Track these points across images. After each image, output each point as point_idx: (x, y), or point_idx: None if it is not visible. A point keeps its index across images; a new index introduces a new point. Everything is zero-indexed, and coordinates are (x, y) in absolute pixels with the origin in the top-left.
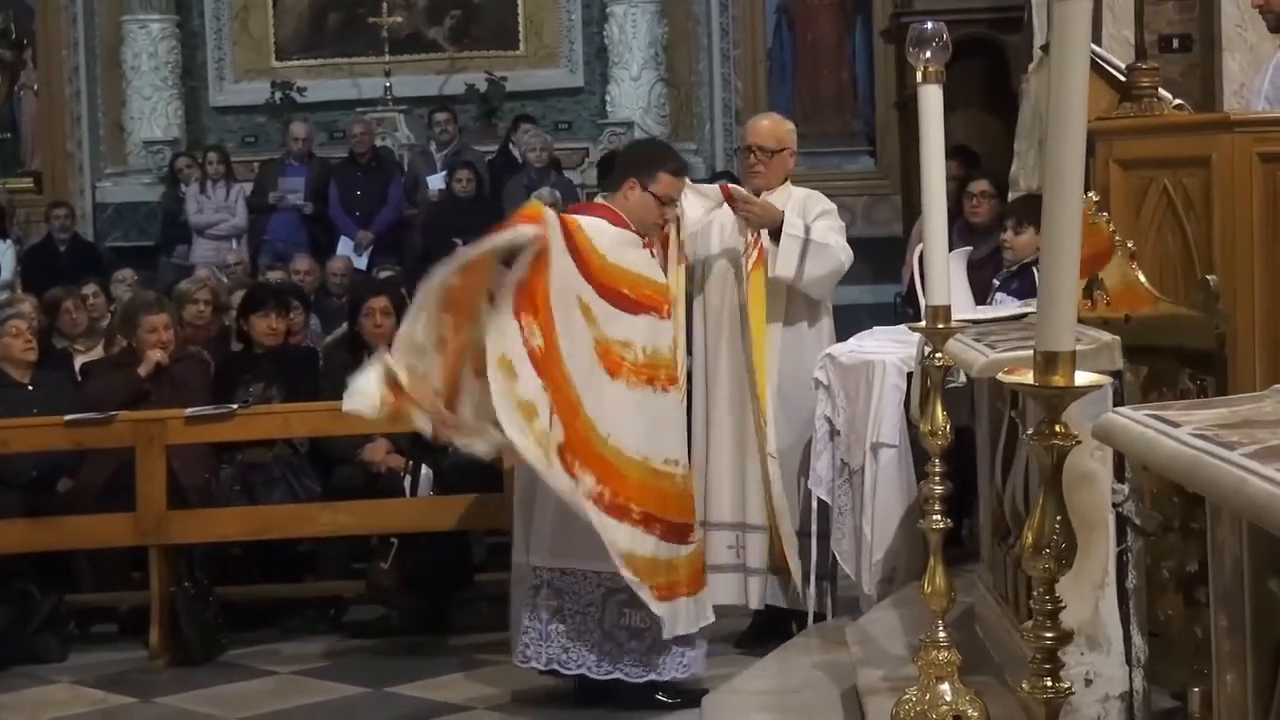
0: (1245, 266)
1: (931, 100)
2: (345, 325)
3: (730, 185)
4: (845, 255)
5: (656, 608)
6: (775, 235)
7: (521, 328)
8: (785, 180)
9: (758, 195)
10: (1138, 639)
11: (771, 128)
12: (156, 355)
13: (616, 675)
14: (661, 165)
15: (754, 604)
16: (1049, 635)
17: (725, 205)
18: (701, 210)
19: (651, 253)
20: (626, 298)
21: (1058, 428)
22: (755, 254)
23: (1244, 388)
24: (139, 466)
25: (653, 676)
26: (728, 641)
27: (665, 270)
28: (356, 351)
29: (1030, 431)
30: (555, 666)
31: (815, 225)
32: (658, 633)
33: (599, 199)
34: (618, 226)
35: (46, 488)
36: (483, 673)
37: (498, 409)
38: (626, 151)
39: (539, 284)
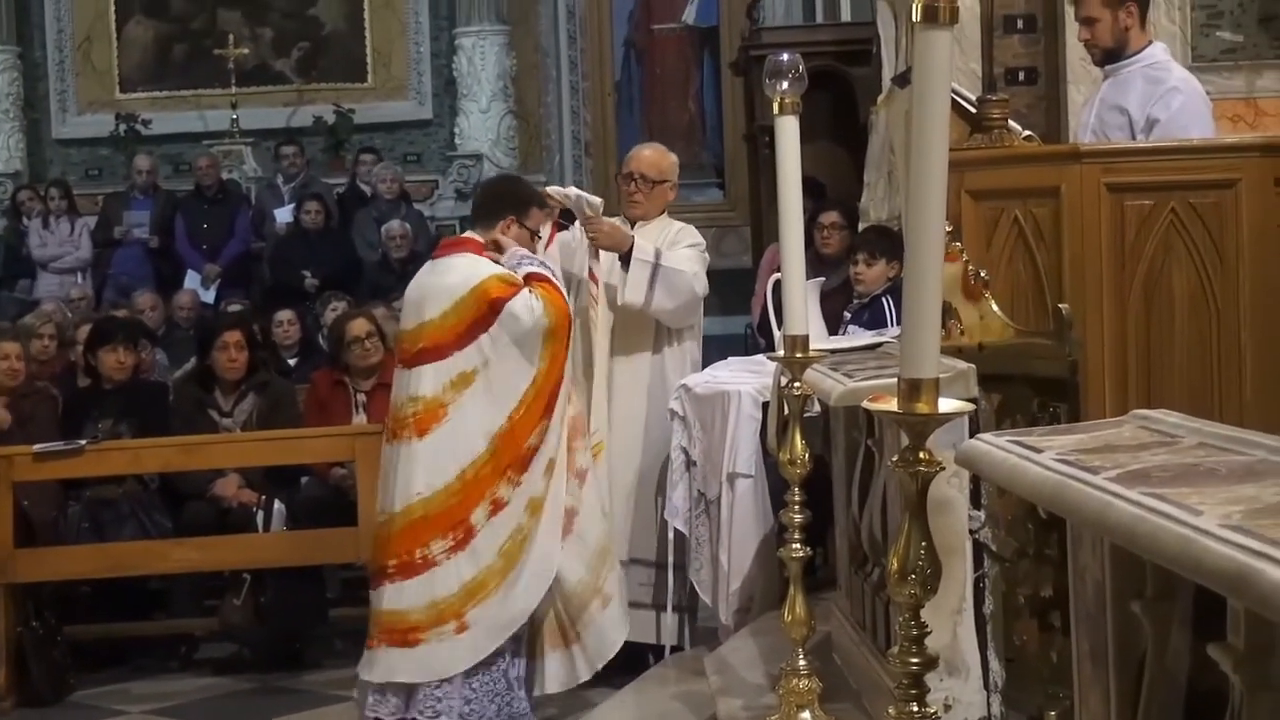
0: (1094, 294)
1: (788, 131)
2: (195, 359)
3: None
4: (700, 285)
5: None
6: (626, 260)
7: None
8: (663, 212)
9: (633, 225)
10: (995, 664)
11: (654, 157)
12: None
13: None
14: (532, 201)
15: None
16: (914, 661)
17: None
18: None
19: None
20: None
21: (922, 454)
22: (590, 283)
23: (1095, 414)
24: None
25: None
26: None
27: None
28: (208, 385)
29: (894, 458)
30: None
31: (672, 252)
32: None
33: (469, 234)
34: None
35: None
36: (337, 709)
37: None
38: (498, 189)
39: None
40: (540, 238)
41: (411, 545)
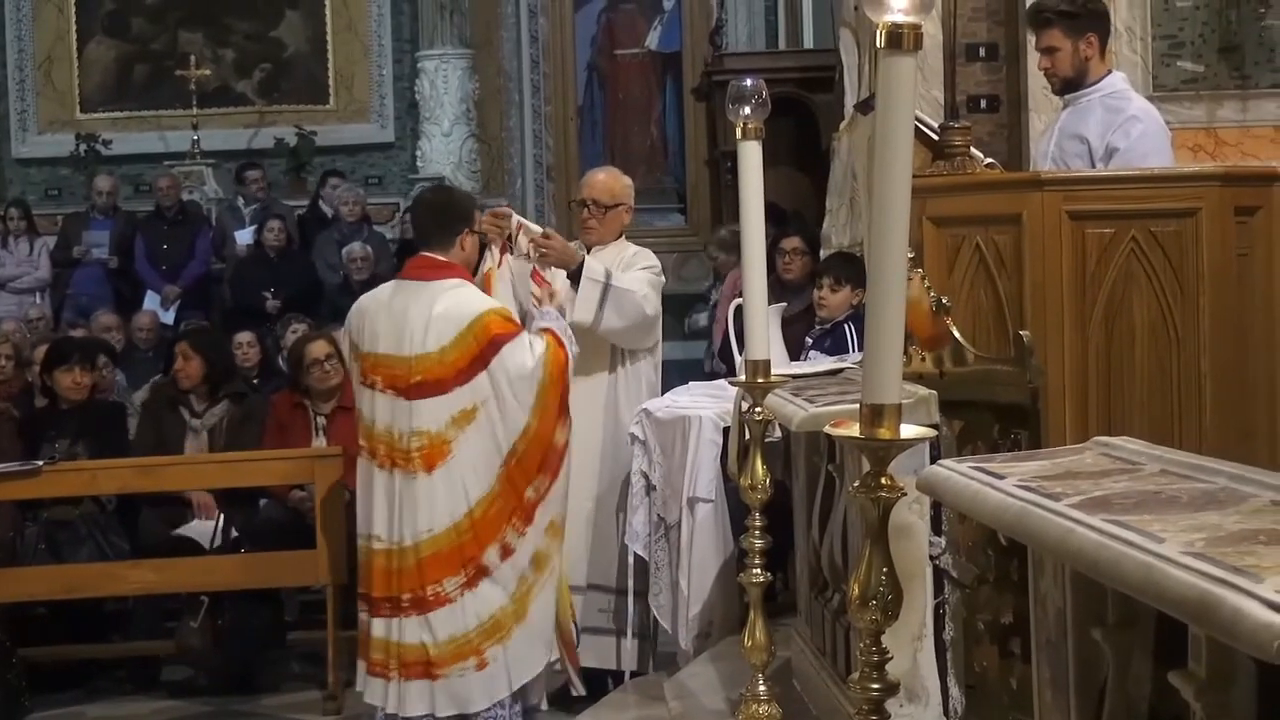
0: (1055, 321)
1: (751, 157)
2: (160, 375)
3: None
4: (650, 307)
5: None
6: (575, 279)
7: None
8: (620, 236)
9: (589, 251)
10: (955, 690)
11: (608, 181)
12: None
13: None
14: (472, 205)
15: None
16: (876, 687)
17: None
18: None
19: None
20: None
21: (883, 480)
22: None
23: (1055, 440)
24: None
25: None
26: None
27: None
28: (177, 393)
29: (856, 484)
30: None
31: (625, 274)
32: None
33: (430, 254)
34: None
35: None
36: None
37: None
38: (443, 204)
39: None
40: (491, 257)
41: (423, 581)
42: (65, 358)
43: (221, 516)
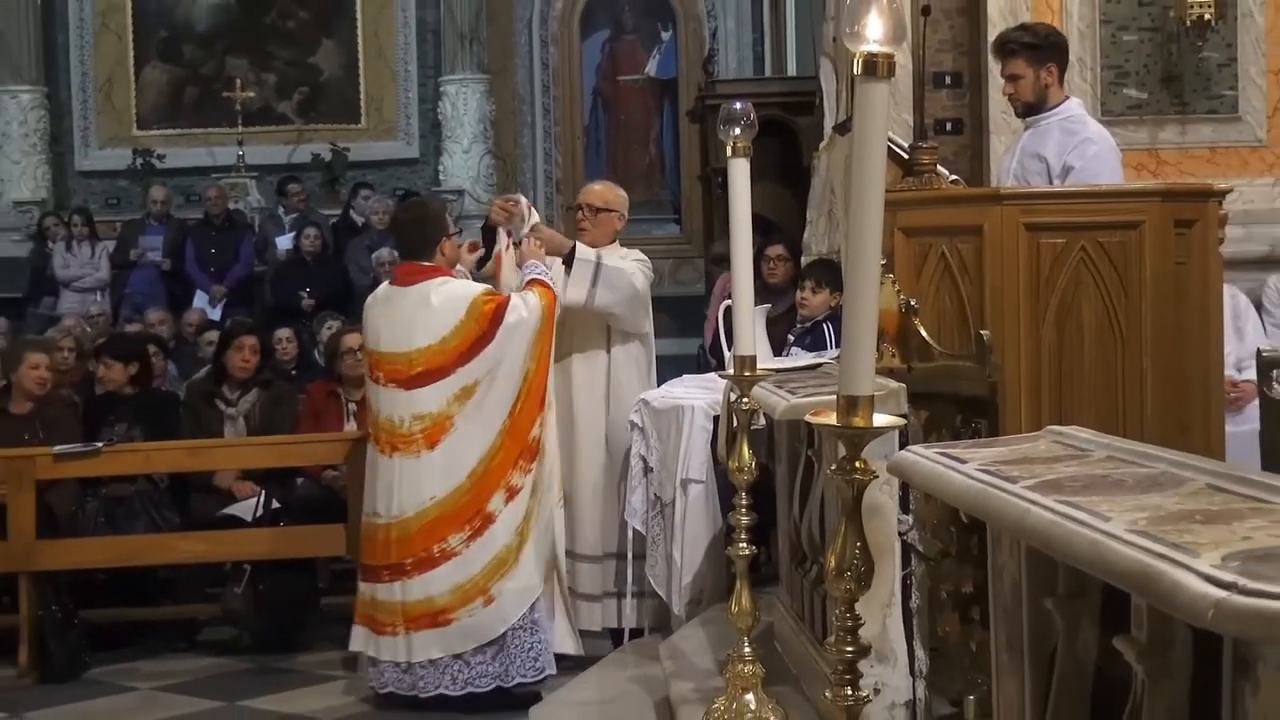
0: (1012, 322)
1: (740, 172)
2: (210, 365)
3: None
4: (640, 283)
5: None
6: (568, 265)
7: None
8: (613, 240)
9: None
10: (920, 653)
11: (601, 190)
12: None
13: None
14: (444, 211)
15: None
16: (849, 649)
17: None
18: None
19: None
20: None
21: (857, 464)
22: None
23: (1012, 429)
24: (10, 500)
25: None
26: None
27: None
28: (220, 383)
29: (833, 467)
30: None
31: (624, 265)
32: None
33: (419, 263)
34: None
35: None
36: (327, 687)
37: None
38: (419, 219)
39: None
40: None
41: (428, 543)
42: (111, 352)
43: (262, 493)
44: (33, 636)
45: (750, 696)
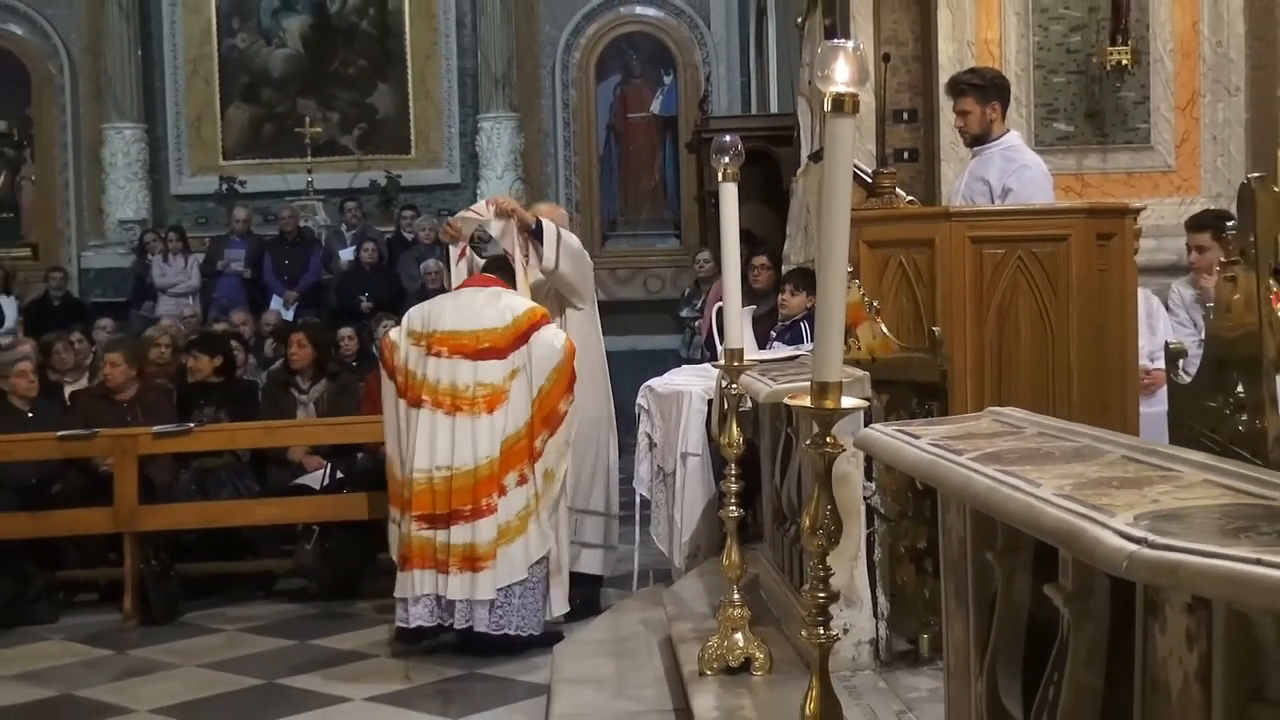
0: (960, 320)
1: (729, 195)
2: (283, 360)
3: (494, 198)
4: (580, 249)
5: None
6: (537, 236)
7: None
8: None
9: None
10: (882, 598)
11: (545, 210)
12: None
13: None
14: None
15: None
16: (821, 595)
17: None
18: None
19: None
20: None
21: (828, 439)
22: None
23: (959, 409)
24: (116, 472)
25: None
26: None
27: None
28: (294, 374)
29: (807, 442)
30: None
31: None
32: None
33: (494, 278)
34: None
35: (44, 489)
36: (383, 628)
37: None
38: (502, 264)
39: None
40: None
41: (482, 495)
42: (201, 346)
43: (328, 466)
44: (136, 586)
45: (739, 635)
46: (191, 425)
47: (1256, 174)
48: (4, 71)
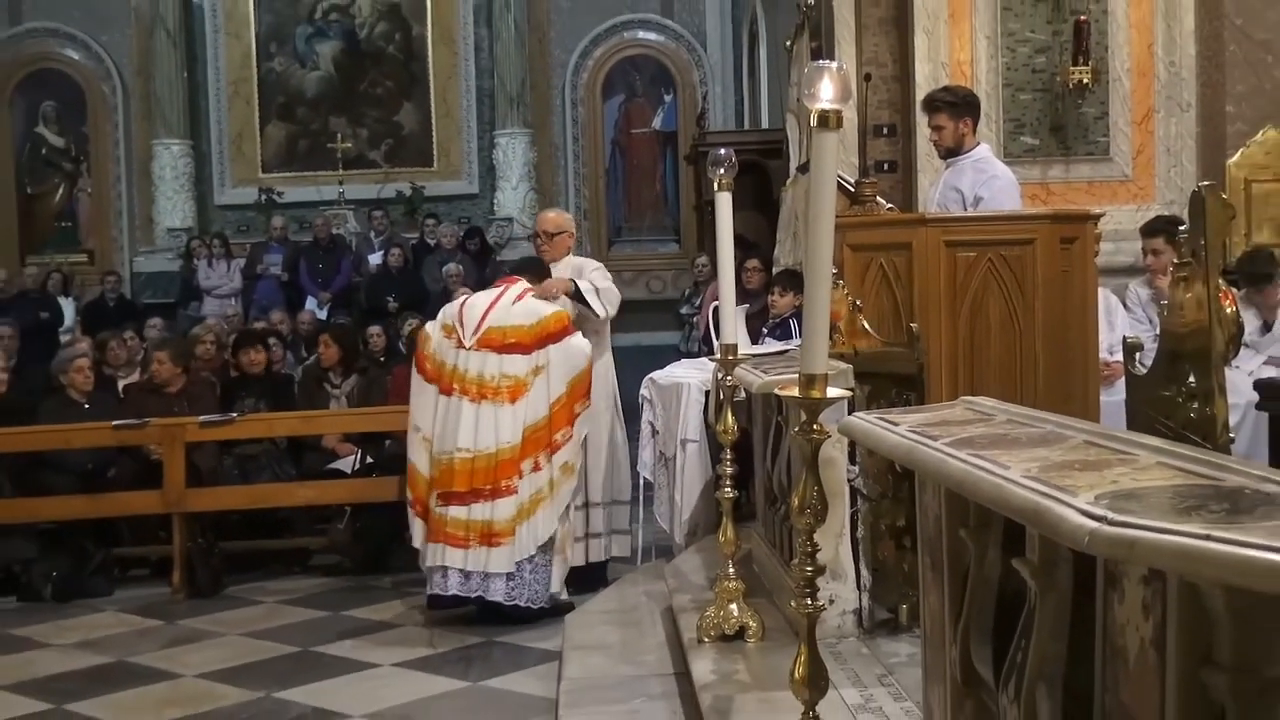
0: (935, 318)
1: (724, 203)
2: (314, 357)
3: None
4: (616, 293)
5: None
6: (576, 298)
7: None
8: (567, 253)
9: (549, 264)
10: (864, 572)
11: (554, 217)
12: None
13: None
14: (543, 272)
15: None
16: (809, 569)
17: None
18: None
19: None
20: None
21: (815, 426)
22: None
23: (934, 399)
24: (165, 458)
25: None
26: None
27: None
28: (327, 369)
29: (796, 429)
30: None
31: (593, 277)
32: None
33: (520, 279)
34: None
35: (100, 474)
36: (410, 600)
37: None
38: (539, 262)
39: None
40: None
41: (500, 477)
42: (246, 342)
43: (359, 452)
44: (184, 562)
45: (734, 606)
46: (234, 415)
47: (1206, 183)
48: (62, 93)
